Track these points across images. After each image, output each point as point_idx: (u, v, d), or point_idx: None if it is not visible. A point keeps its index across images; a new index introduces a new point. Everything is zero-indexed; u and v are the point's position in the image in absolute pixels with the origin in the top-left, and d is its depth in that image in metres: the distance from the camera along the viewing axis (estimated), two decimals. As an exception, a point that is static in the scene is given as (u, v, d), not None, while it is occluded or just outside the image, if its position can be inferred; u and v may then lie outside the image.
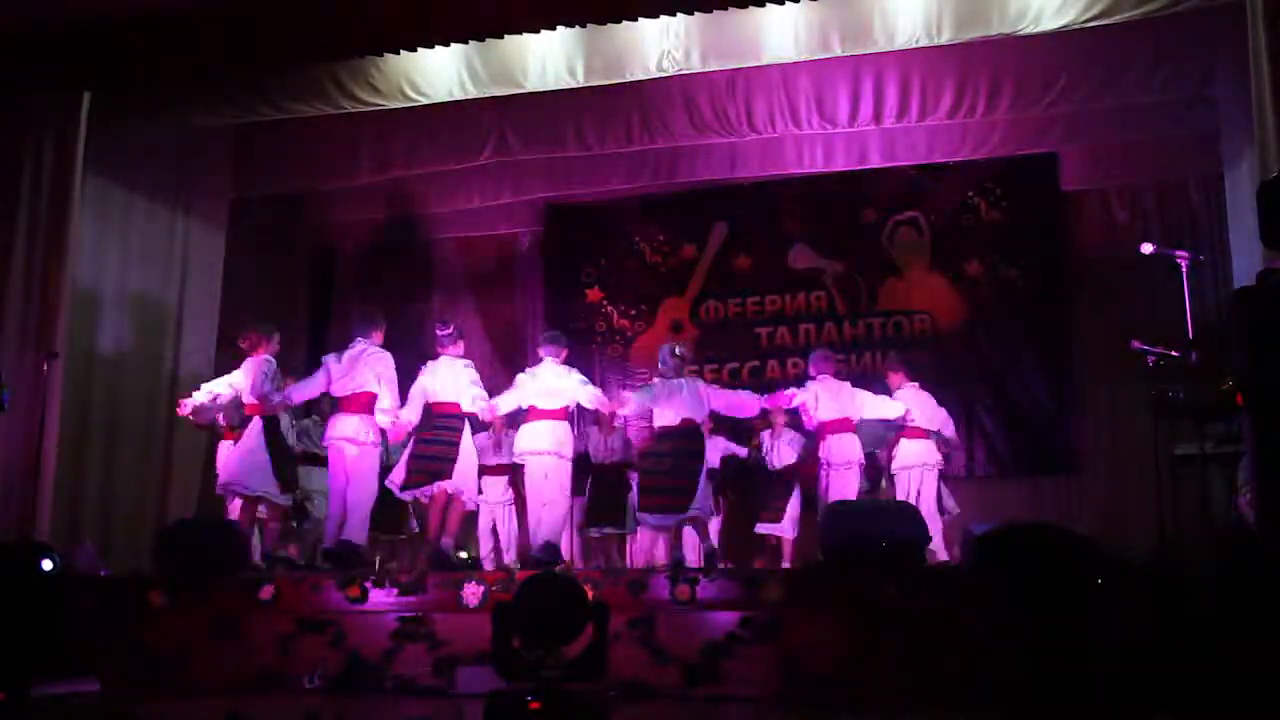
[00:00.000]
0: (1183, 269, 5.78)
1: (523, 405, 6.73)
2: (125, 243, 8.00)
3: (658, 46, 6.73)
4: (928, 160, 8.77)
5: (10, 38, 6.90)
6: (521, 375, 6.81)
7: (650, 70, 6.87)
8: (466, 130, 8.23)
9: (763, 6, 6.27)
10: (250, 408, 6.73)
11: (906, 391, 7.47)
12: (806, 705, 4.93)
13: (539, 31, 6.53)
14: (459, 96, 7.18)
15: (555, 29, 6.49)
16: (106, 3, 6.78)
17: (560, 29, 6.50)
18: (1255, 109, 5.66)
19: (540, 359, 6.80)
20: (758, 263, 9.50)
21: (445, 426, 6.49)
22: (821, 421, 7.11)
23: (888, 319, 9.14)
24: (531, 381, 6.69)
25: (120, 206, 7.96)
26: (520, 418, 6.85)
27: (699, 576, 5.45)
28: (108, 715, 5.03)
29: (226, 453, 7.06)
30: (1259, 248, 4.72)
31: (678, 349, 6.83)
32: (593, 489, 8.00)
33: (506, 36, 6.65)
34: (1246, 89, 5.81)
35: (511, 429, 8.15)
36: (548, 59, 6.87)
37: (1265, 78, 5.58)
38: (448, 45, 6.71)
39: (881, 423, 7.40)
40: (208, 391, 6.86)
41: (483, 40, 6.70)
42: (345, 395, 6.57)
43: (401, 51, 6.84)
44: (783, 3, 6.25)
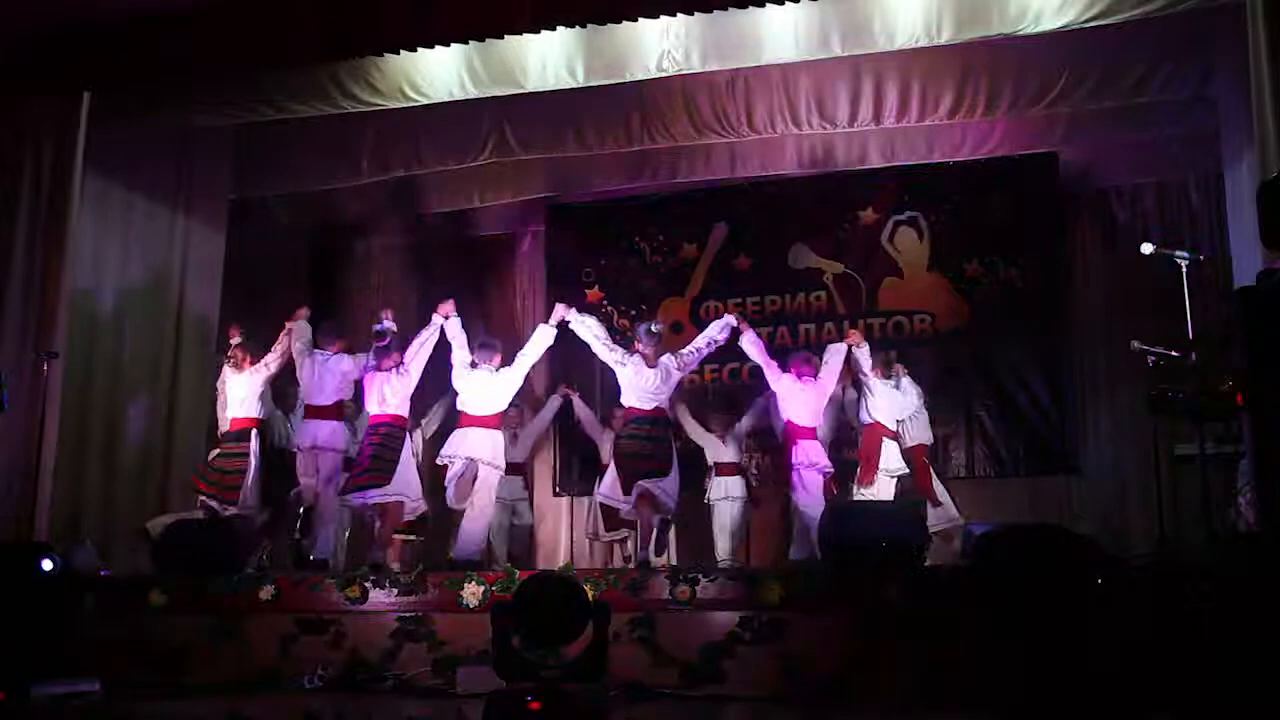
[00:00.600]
0: (1183, 269, 5.77)
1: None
2: (125, 243, 7.99)
3: (658, 46, 6.72)
4: (928, 160, 8.76)
5: (10, 38, 6.91)
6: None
7: (650, 70, 6.87)
8: (466, 130, 8.21)
9: (762, 6, 6.27)
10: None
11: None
12: (806, 705, 4.93)
13: (539, 31, 6.52)
14: (459, 96, 7.18)
15: (555, 29, 6.48)
16: (106, 3, 6.79)
17: (560, 29, 6.50)
18: (1255, 109, 5.65)
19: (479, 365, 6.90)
20: (758, 263, 9.49)
21: (389, 435, 6.73)
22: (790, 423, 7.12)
23: (888, 319, 9.14)
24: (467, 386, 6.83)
25: (120, 206, 7.95)
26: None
27: (699, 576, 5.46)
28: (108, 715, 5.04)
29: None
30: (1259, 248, 4.73)
31: (654, 326, 6.83)
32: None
33: (506, 36, 6.64)
34: (1246, 89, 5.81)
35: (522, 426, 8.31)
36: (548, 59, 6.86)
37: (1265, 78, 5.58)
38: (448, 45, 6.70)
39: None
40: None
41: (483, 40, 6.69)
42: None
43: (401, 51, 6.84)
44: (783, 3, 6.24)
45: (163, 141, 8.15)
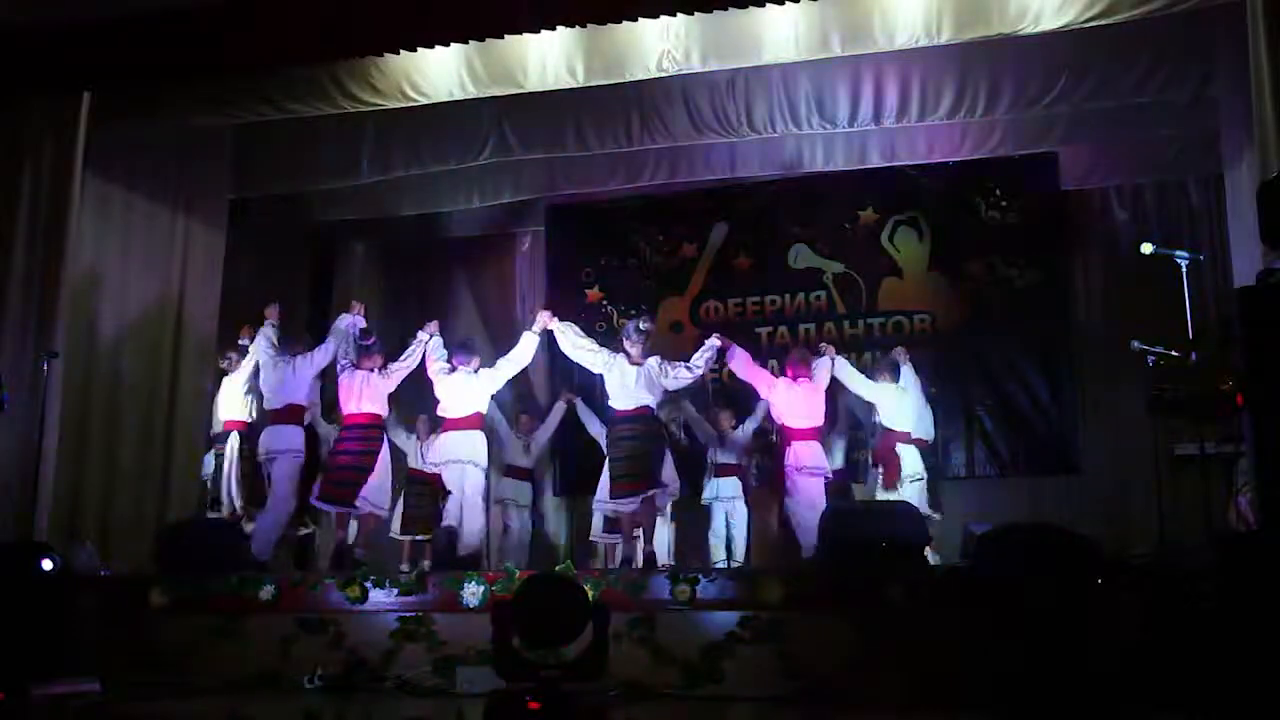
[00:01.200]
0: (1183, 269, 5.78)
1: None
2: (125, 243, 7.98)
3: (658, 46, 6.72)
4: (928, 160, 8.76)
5: (10, 38, 6.90)
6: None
7: (650, 70, 6.87)
8: (466, 130, 8.21)
9: (763, 6, 6.26)
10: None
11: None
12: (806, 705, 4.93)
13: (539, 31, 6.53)
14: (459, 96, 7.17)
15: (555, 29, 6.48)
16: (106, 3, 6.79)
17: (560, 29, 6.50)
18: (1255, 109, 5.65)
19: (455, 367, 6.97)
20: (758, 263, 9.50)
21: (365, 438, 6.84)
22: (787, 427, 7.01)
23: (888, 319, 9.14)
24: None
25: (120, 206, 7.94)
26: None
27: (699, 576, 5.46)
28: (108, 715, 5.03)
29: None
30: (1259, 248, 4.73)
31: (642, 324, 6.78)
32: None
33: (506, 36, 6.64)
34: (1246, 89, 5.80)
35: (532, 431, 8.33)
36: (548, 59, 6.86)
37: (1265, 78, 5.58)
38: (448, 45, 6.70)
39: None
40: None
41: (483, 40, 6.69)
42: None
43: (401, 51, 6.84)
44: (783, 3, 6.25)
45: (163, 141, 8.15)
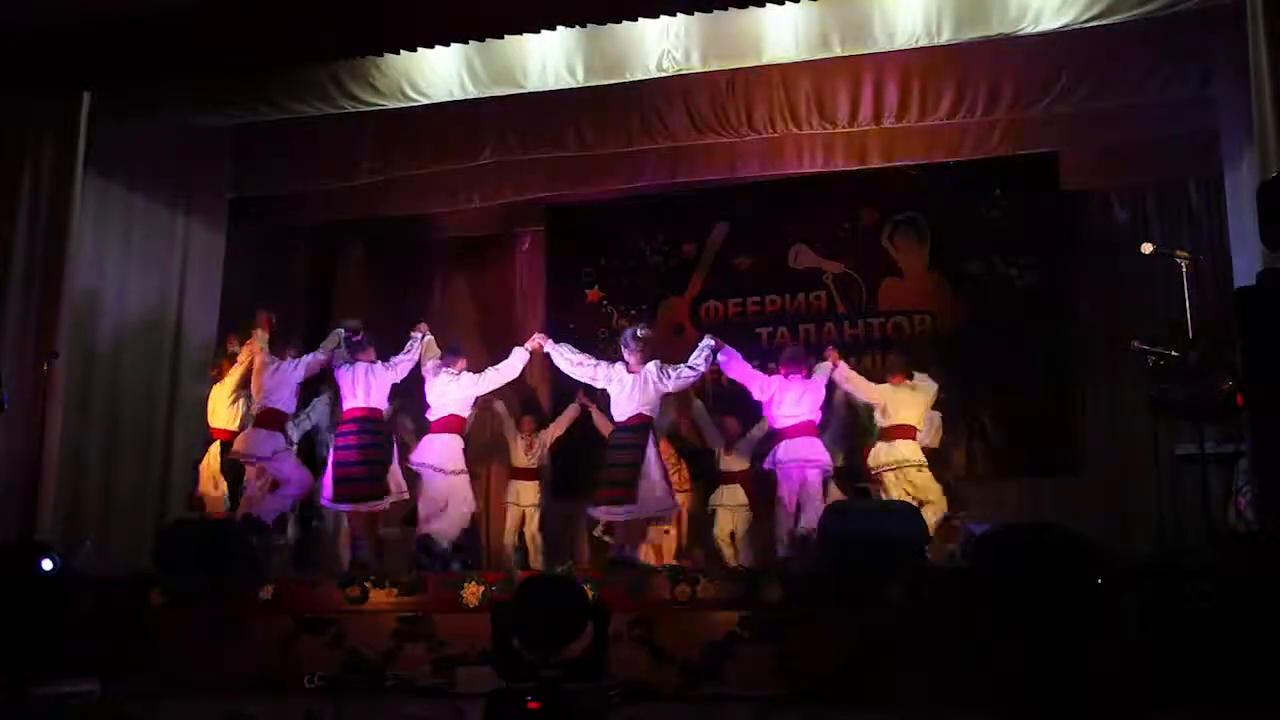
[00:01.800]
0: (1183, 269, 5.77)
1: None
2: (125, 243, 7.99)
3: (658, 46, 6.72)
4: (928, 160, 8.75)
5: (10, 38, 6.90)
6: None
7: (650, 70, 6.87)
8: (466, 130, 8.21)
9: (763, 6, 6.27)
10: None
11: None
12: (806, 705, 4.93)
13: (539, 31, 6.54)
14: (459, 96, 7.18)
15: (555, 29, 6.49)
16: (106, 3, 6.79)
17: (560, 29, 6.51)
18: (1255, 109, 5.65)
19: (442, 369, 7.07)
20: (758, 263, 9.48)
21: (371, 432, 6.92)
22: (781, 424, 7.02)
23: (888, 319, 9.13)
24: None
25: (120, 206, 7.95)
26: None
27: (699, 576, 5.46)
28: (108, 715, 5.03)
29: None
30: (1259, 248, 4.73)
31: (639, 331, 6.78)
32: None
33: (506, 36, 6.65)
34: (1246, 89, 5.81)
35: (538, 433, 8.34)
36: (548, 59, 6.86)
37: (1265, 78, 5.58)
38: (448, 45, 6.71)
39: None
40: None
41: (483, 40, 6.70)
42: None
43: (401, 51, 6.84)
44: (783, 3, 6.25)
45: (163, 141, 8.15)
